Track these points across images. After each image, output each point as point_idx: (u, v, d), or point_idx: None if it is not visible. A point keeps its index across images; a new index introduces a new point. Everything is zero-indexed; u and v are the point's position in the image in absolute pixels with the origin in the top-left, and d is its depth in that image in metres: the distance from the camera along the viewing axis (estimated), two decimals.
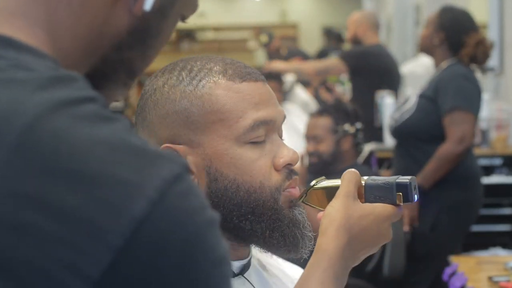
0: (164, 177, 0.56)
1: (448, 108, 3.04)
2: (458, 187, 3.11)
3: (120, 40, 0.68)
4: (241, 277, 1.06)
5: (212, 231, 0.58)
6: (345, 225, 0.95)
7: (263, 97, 1.04)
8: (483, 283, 2.23)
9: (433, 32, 3.20)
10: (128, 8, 0.67)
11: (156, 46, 0.72)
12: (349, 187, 0.97)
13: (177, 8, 0.72)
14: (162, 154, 0.58)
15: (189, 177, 0.59)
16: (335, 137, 2.91)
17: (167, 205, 0.56)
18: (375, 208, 0.97)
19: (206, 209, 0.59)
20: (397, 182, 0.98)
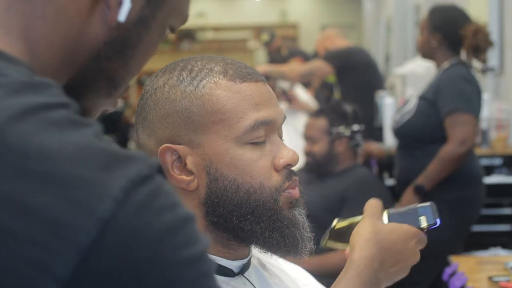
0: (131, 177, 0.57)
1: (449, 110, 3.04)
2: (460, 187, 3.11)
3: (98, 50, 0.68)
4: (241, 277, 1.07)
5: (183, 230, 0.59)
6: (373, 238, 0.98)
7: (264, 98, 1.04)
8: (483, 283, 2.23)
9: (429, 36, 3.20)
10: (105, 18, 0.67)
11: (139, 57, 0.72)
12: (373, 210, 1.02)
13: (161, 19, 0.72)
14: (130, 155, 0.59)
15: (159, 178, 0.59)
16: (330, 139, 2.93)
17: (133, 204, 0.56)
18: (402, 225, 1.01)
19: (176, 208, 0.59)
20: (419, 206, 1.02)
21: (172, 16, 0.73)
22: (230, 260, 1.06)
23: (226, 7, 16.14)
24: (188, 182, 1.02)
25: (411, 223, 1.01)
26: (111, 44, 0.69)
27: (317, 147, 2.95)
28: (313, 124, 3.00)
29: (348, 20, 15.25)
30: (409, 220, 1.01)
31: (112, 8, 0.67)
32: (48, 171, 0.56)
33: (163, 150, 1.02)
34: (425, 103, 3.15)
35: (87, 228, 0.55)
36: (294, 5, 16.08)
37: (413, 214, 1.01)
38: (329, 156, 2.94)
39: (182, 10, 0.75)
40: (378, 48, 11.36)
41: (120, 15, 0.67)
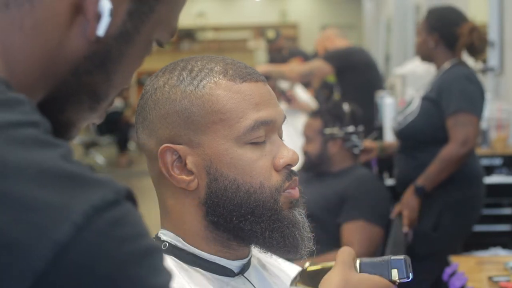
0: (93, 202, 0.56)
1: (452, 110, 3.03)
2: (460, 187, 3.11)
3: (77, 64, 0.68)
4: (241, 277, 1.07)
5: (145, 262, 0.57)
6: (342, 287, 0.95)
7: (264, 98, 1.04)
8: (483, 283, 2.23)
9: (427, 37, 3.20)
10: (84, 32, 0.67)
11: (122, 71, 0.71)
12: (345, 257, 0.98)
13: (146, 33, 0.71)
14: (96, 179, 0.58)
15: (127, 205, 0.58)
16: (323, 140, 2.95)
17: (93, 231, 0.55)
18: (373, 277, 0.98)
19: (140, 238, 0.58)
20: (393, 258, 0.99)
21: (158, 30, 0.73)
22: (230, 260, 1.06)
23: (226, 7, 16.13)
24: (188, 182, 1.02)
25: (382, 275, 0.98)
26: (91, 58, 0.68)
27: (311, 147, 2.98)
28: (309, 124, 3.03)
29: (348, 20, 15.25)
30: (381, 271, 0.99)
31: (90, 23, 0.66)
32: (7, 190, 0.54)
33: (163, 150, 1.02)
34: (429, 103, 3.14)
35: (43, 252, 0.53)
36: (294, 5, 16.08)
37: (385, 265, 0.99)
38: (322, 156, 2.96)
39: (169, 24, 0.74)
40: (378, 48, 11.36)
41: (99, 29, 0.66)
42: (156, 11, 0.71)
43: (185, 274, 1.02)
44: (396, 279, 0.98)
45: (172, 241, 1.05)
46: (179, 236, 1.05)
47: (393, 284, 0.98)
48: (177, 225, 1.05)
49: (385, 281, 0.98)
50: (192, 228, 1.04)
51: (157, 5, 0.71)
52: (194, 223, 1.04)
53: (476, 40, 3.09)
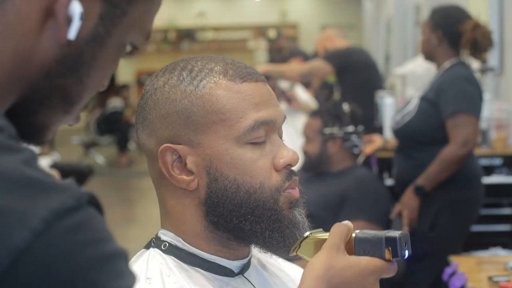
0: (53, 208, 0.56)
1: (451, 111, 3.03)
2: (459, 187, 3.11)
3: (49, 68, 0.68)
4: (241, 277, 1.07)
5: (106, 267, 0.58)
6: (324, 276, 0.91)
7: (264, 98, 1.04)
8: (483, 283, 2.23)
9: (430, 35, 3.20)
10: (55, 36, 0.67)
11: (95, 75, 0.71)
12: (334, 239, 0.94)
13: (118, 37, 0.71)
14: (57, 185, 0.58)
15: (89, 210, 0.58)
16: (322, 139, 2.95)
17: (52, 237, 0.55)
18: (361, 260, 0.93)
19: (101, 243, 0.58)
20: (386, 236, 0.93)
21: (132, 33, 0.73)
22: (230, 260, 1.06)
23: (226, 7, 16.13)
24: (188, 182, 1.02)
25: (376, 253, 0.93)
26: (63, 62, 0.68)
27: (311, 147, 2.98)
28: (309, 124, 3.03)
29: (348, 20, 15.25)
30: (374, 250, 0.93)
31: (61, 26, 0.66)
32: None
33: (163, 150, 1.02)
34: (426, 103, 3.14)
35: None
36: (294, 5, 16.08)
37: (378, 244, 0.93)
38: (322, 156, 2.96)
39: (144, 27, 0.74)
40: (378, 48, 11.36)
41: (69, 33, 0.66)
42: (128, 14, 0.71)
43: (185, 274, 1.02)
44: (390, 259, 0.93)
45: (172, 241, 1.05)
46: (179, 236, 1.05)
47: (387, 262, 0.93)
48: (177, 225, 1.05)
49: (374, 263, 0.93)
50: (192, 228, 1.04)
51: (129, 8, 0.71)
52: (194, 223, 1.04)
53: (480, 37, 3.09)
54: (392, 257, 0.93)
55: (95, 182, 7.72)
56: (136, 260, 1.06)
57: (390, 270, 0.94)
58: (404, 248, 0.94)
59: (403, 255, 0.93)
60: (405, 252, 0.94)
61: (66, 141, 10.65)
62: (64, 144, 10.64)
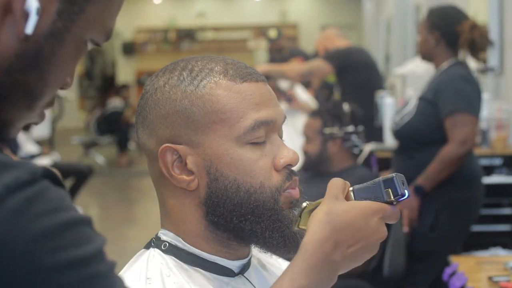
0: (6, 183, 0.58)
1: (449, 111, 3.04)
2: (459, 187, 3.11)
3: (9, 63, 0.69)
4: (241, 277, 1.07)
5: (64, 235, 0.59)
6: (325, 219, 0.91)
7: (264, 98, 1.04)
8: (483, 283, 2.23)
9: (428, 35, 3.20)
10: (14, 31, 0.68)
11: (56, 70, 0.73)
12: (331, 191, 0.95)
13: (77, 33, 0.72)
14: (11, 163, 0.59)
15: (44, 183, 0.60)
16: (322, 139, 2.95)
17: (6, 210, 0.57)
18: (361, 203, 0.93)
19: (58, 212, 0.59)
20: (383, 179, 0.95)
21: (91, 30, 0.74)
22: (230, 260, 1.06)
23: (226, 7, 16.13)
24: (189, 182, 1.02)
25: (377, 197, 0.93)
26: (22, 57, 0.69)
27: (310, 147, 2.98)
28: (309, 123, 3.03)
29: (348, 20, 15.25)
30: (375, 194, 0.94)
31: (18, 21, 0.68)
32: None
33: (163, 150, 1.02)
34: (425, 104, 3.14)
35: None
36: (294, 5, 16.08)
37: (378, 188, 0.94)
38: (322, 156, 2.96)
39: (104, 24, 0.75)
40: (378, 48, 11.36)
41: (27, 27, 0.68)
42: (86, 11, 0.72)
43: (185, 274, 1.02)
44: (391, 199, 0.93)
45: (172, 241, 1.05)
46: (179, 236, 1.05)
47: (389, 204, 0.93)
48: (177, 225, 1.05)
49: (375, 205, 0.93)
50: (192, 228, 1.04)
51: (86, 5, 0.72)
52: (194, 223, 1.04)
53: (477, 37, 3.08)
54: (393, 197, 0.93)
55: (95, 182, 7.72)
56: (136, 260, 1.06)
57: (393, 213, 0.94)
58: (403, 187, 0.94)
59: (403, 194, 0.93)
60: (404, 190, 0.93)
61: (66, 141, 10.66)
62: (64, 144, 10.64)
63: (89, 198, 7.60)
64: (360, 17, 15.13)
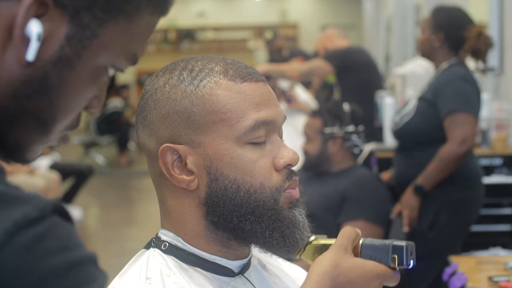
0: (16, 220, 0.57)
1: (448, 110, 3.04)
2: (458, 187, 3.11)
3: (14, 88, 0.66)
4: (241, 277, 1.07)
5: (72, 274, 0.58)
6: (330, 273, 0.92)
7: (264, 98, 1.04)
8: (483, 283, 2.23)
9: (431, 35, 3.19)
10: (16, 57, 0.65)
11: (68, 97, 0.69)
12: (342, 241, 0.95)
13: (90, 59, 0.68)
14: (21, 197, 0.58)
15: (53, 219, 0.59)
16: (323, 139, 2.95)
17: (15, 248, 0.56)
18: (367, 263, 0.95)
19: (66, 251, 0.59)
20: (394, 244, 0.96)
21: (109, 55, 0.70)
22: (230, 260, 1.06)
23: (226, 7, 16.13)
24: (189, 182, 1.02)
25: (382, 260, 0.95)
26: (27, 82, 0.66)
27: (311, 146, 2.98)
28: (310, 123, 3.03)
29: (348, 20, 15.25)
30: (380, 256, 0.95)
31: (17, 47, 0.64)
32: None
33: (163, 150, 1.02)
34: (425, 104, 3.14)
35: None
36: (294, 5, 16.08)
37: (385, 251, 0.95)
38: (322, 156, 2.95)
39: (125, 49, 0.71)
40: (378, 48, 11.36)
41: (28, 54, 0.65)
42: (100, 36, 0.68)
43: (185, 274, 1.02)
44: (395, 266, 0.95)
45: (172, 241, 1.05)
46: (179, 236, 1.05)
47: (391, 269, 0.95)
48: (177, 225, 1.05)
49: (379, 268, 0.95)
50: (192, 228, 1.04)
51: (100, 30, 0.68)
52: (194, 223, 1.04)
53: (482, 46, 3.09)
54: (398, 265, 0.95)
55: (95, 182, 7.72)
56: (136, 260, 1.06)
57: (394, 278, 0.96)
58: (410, 257, 0.96)
59: (408, 264, 0.95)
60: (410, 261, 0.96)
61: None
62: None
63: (89, 198, 7.60)
64: (360, 17, 15.13)
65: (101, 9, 0.67)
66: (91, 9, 0.67)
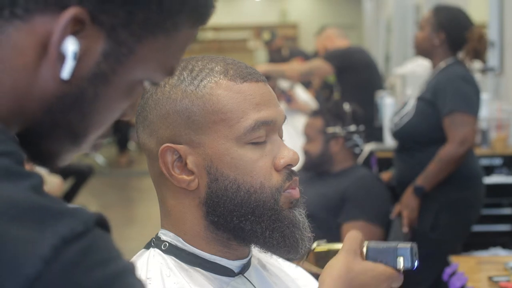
0: (62, 235, 0.56)
1: (448, 110, 3.03)
2: (459, 187, 3.11)
3: (50, 104, 0.66)
4: (241, 277, 1.07)
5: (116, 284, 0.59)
6: (344, 277, 0.94)
7: (264, 98, 1.04)
8: (483, 283, 2.23)
9: (432, 33, 3.18)
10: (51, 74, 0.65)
11: (101, 111, 0.69)
12: (351, 245, 0.97)
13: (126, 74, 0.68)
14: (65, 211, 0.58)
15: (96, 232, 0.59)
16: (325, 139, 2.94)
17: (62, 263, 0.56)
18: (377, 266, 0.97)
19: (110, 262, 0.59)
20: (399, 247, 0.98)
21: (145, 70, 0.69)
22: (230, 260, 1.06)
23: (226, 7, 16.13)
24: (189, 182, 1.02)
25: (388, 262, 0.98)
26: (63, 99, 0.66)
27: (313, 146, 2.97)
28: (310, 123, 3.02)
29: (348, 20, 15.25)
30: (387, 258, 0.98)
31: (52, 65, 0.64)
32: None
33: (163, 150, 1.02)
34: (424, 104, 3.14)
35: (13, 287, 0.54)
36: (294, 5, 16.08)
37: (392, 252, 0.98)
38: (324, 155, 2.95)
39: (162, 64, 0.70)
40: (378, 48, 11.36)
41: (63, 72, 0.64)
42: (137, 52, 0.67)
43: (185, 274, 1.02)
44: (401, 267, 0.97)
45: (172, 241, 1.05)
46: (179, 236, 1.05)
47: (397, 271, 0.98)
48: (177, 225, 1.05)
49: (388, 270, 0.97)
50: (192, 228, 1.04)
51: (137, 46, 0.67)
52: (195, 223, 1.04)
53: (482, 48, 3.10)
54: (404, 266, 0.98)
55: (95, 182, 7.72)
56: (136, 260, 1.06)
57: (399, 280, 0.98)
58: (415, 258, 0.98)
59: (413, 265, 0.98)
60: (415, 263, 0.98)
61: None
62: None
63: (89, 198, 7.60)
64: (360, 17, 15.13)
65: (139, 26, 0.66)
66: (128, 26, 0.66)
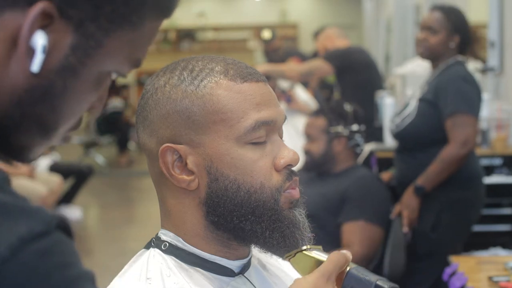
0: (20, 235, 0.56)
1: (450, 111, 3.03)
2: (460, 187, 3.11)
3: (19, 97, 0.66)
4: (241, 277, 1.07)
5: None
6: None
7: (264, 98, 1.04)
8: (483, 283, 2.23)
9: (448, 37, 3.13)
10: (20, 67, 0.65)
11: (71, 103, 0.69)
12: (328, 267, 0.95)
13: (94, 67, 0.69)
14: (26, 210, 0.58)
15: (56, 234, 0.59)
16: (328, 138, 2.94)
17: (19, 263, 0.56)
18: None
19: (68, 267, 0.59)
20: (377, 284, 0.95)
21: (113, 62, 0.70)
22: (230, 260, 1.06)
23: (226, 7, 16.13)
24: (189, 181, 1.02)
25: None
26: (32, 91, 0.66)
27: (315, 146, 2.96)
28: (312, 123, 3.01)
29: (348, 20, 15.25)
30: None
31: (22, 59, 0.65)
32: None
33: (164, 149, 1.02)
34: (426, 105, 3.14)
35: None
36: (294, 5, 16.08)
37: (368, 286, 0.94)
38: (327, 155, 2.94)
39: (129, 56, 0.71)
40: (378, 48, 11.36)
41: (32, 65, 0.65)
42: (105, 45, 0.68)
43: (185, 274, 1.02)
44: None
45: (172, 241, 1.05)
46: (179, 236, 1.05)
47: None
48: (178, 225, 1.05)
49: None
50: (192, 228, 1.04)
51: (105, 39, 0.68)
52: (195, 223, 1.04)
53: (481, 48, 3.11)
54: None
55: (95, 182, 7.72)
56: (136, 260, 1.06)
57: None
58: None
59: None
60: None
61: None
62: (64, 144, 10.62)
63: (89, 198, 7.60)
64: (360, 17, 15.12)
65: (106, 19, 0.67)
66: (96, 20, 0.67)
